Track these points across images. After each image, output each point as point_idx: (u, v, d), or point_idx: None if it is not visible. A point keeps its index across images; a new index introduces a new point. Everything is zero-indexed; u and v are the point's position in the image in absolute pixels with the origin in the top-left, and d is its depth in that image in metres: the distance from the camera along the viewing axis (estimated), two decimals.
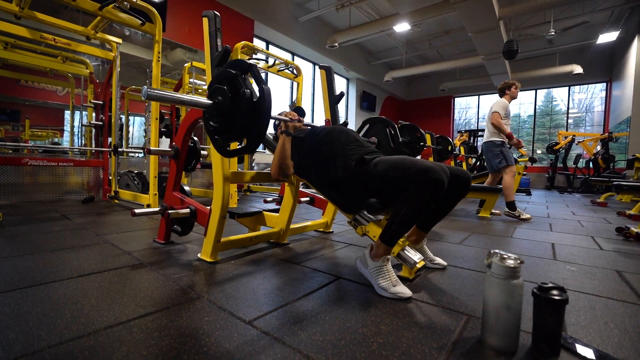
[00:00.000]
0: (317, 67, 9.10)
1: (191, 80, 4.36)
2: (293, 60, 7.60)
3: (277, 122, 1.67)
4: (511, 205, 3.18)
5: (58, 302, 1.01)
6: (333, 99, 2.15)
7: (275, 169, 1.51)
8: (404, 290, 1.12)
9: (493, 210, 3.44)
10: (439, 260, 1.50)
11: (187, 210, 1.66)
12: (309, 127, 1.67)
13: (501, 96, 3.46)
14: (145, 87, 1.01)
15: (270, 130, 1.61)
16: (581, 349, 0.80)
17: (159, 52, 2.96)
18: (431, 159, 4.42)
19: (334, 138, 1.48)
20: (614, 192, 2.50)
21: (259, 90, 1.11)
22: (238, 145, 1.84)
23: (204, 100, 1.18)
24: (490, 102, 11.90)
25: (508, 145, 3.37)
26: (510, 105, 3.42)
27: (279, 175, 1.51)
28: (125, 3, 2.74)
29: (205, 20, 1.51)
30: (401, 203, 1.17)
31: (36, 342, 0.78)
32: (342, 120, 2.24)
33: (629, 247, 2.04)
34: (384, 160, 1.31)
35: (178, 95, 1.13)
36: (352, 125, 8.11)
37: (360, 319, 0.96)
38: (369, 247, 1.28)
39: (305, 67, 9.09)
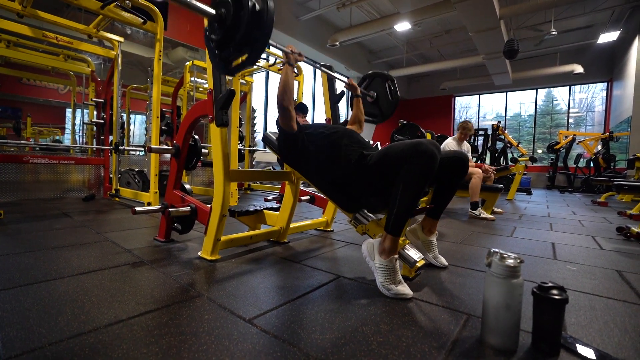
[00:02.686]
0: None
1: (192, 78, 4.35)
2: None
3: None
4: (474, 205, 3.21)
5: (59, 299, 1.01)
6: (334, 98, 2.15)
7: (279, 94, 1.49)
8: (405, 291, 1.12)
9: (495, 209, 3.43)
10: (442, 259, 1.50)
11: (188, 208, 1.66)
12: (305, 58, 1.66)
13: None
14: None
15: (270, 128, 1.60)
16: (581, 349, 0.80)
17: (161, 51, 2.96)
18: None
19: (335, 139, 1.48)
20: (614, 191, 2.49)
21: (261, 1, 1.11)
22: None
23: (207, 8, 1.18)
24: (490, 101, 11.95)
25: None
26: (511, 103, 3.48)
27: (283, 101, 1.48)
28: (127, 2, 2.74)
29: (206, 20, 1.51)
30: (397, 184, 1.18)
31: (37, 339, 0.78)
32: (342, 119, 2.24)
33: (629, 246, 2.03)
34: (377, 151, 1.34)
35: None
36: None
37: (360, 318, 0.96)
38: (378, 236, 1.25)
39: (306, 66, 9.07)
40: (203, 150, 1.89)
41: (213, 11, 1.18)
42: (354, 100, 1.98)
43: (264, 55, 3.61)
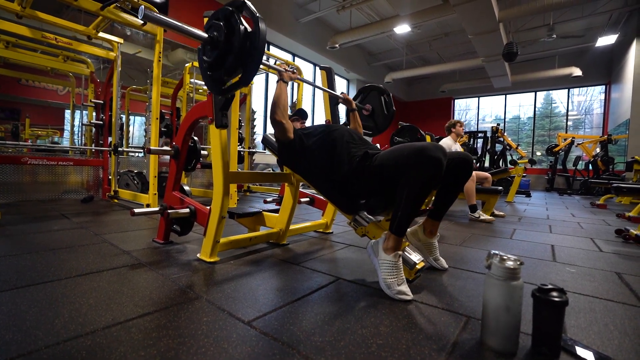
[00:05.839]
0: (317, 68, 9.10)
1: (192, 80, 4.35)
2: (294, 61, 7.61)
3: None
4: (472, 208, 3.22)
5: (56, 301, 1.00)
6: (333, 100, 2.15)
7: (271, 109, 1.51)
8: (406, 291, 1.12)
9: (496, 212, 3.43)
10: (442, 261, 1.50)
11: (187, 210, 1.66)
12: (300, 79, 1.69)
13: (448, 134, 3.71)
14: (142, 6, 1.02)
15: (270, 130, 1.61)
16: (581, 351, 0.80)
17: (160, 52, 2.96)
18: None
19: (337, 137, 1.48)
20: (613, 194, 2.50)
21: (253, 23, 1.12)
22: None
23: (200, 32, 1.20)
24: (490, 104, 11.98)
25: None
26: (510, 106, 3.48)
27: (275, 115, 1.49)
28: (127, 3, 2.74)
29: (206, 21, 1.51)
30: (402, 188, 1.17)
31: (33, 342, 0.78)
32: (342, 121, 2.24)
33: (628, 249, 2.03)
34: (382, 153, 1.33)
35: (176, 22, 1.13)
36: None
37: (360, 320, 0.95)
38: (383, 235, 1.25)
39: (306, 68, 9.09)
40: (202, 151, 1.89)
41: (206, 35, 1.19)
42: (349, 115, 1.99)
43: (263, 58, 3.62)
